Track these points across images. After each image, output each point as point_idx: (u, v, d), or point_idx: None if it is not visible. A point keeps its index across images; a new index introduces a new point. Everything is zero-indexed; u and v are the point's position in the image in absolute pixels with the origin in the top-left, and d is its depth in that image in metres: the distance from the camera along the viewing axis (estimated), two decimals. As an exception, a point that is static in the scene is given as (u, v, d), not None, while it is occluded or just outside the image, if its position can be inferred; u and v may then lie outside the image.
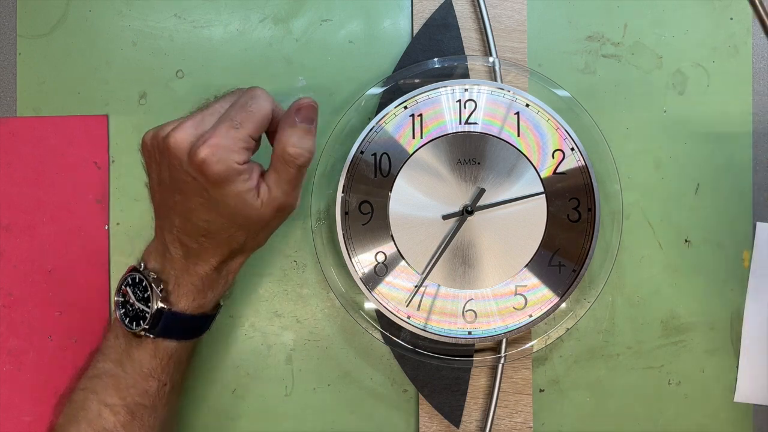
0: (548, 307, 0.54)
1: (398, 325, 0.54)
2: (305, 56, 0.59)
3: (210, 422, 0.58)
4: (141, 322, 0.47)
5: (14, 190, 0.58)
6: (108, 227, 0.58)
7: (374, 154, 0.54)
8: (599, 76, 0.59)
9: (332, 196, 0.56)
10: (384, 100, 0.56)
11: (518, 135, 0.54)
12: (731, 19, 0.59)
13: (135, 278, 0.48)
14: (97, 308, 0.58)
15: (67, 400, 0.50)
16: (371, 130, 0.54)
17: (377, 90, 0.56)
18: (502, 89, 0.55)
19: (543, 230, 0.54)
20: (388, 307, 0.54)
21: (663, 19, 0.59)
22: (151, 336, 0.47)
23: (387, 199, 0.54)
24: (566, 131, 0.54)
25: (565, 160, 0.54)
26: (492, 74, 0.57)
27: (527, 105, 0.54)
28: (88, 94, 0.59)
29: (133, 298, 0.47)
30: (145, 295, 0.47)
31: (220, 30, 0.59)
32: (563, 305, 0.54)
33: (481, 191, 0.54)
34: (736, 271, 0.57)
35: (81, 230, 0.58)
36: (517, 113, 0.55)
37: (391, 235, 0.54)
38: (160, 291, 0.47)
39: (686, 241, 0.59)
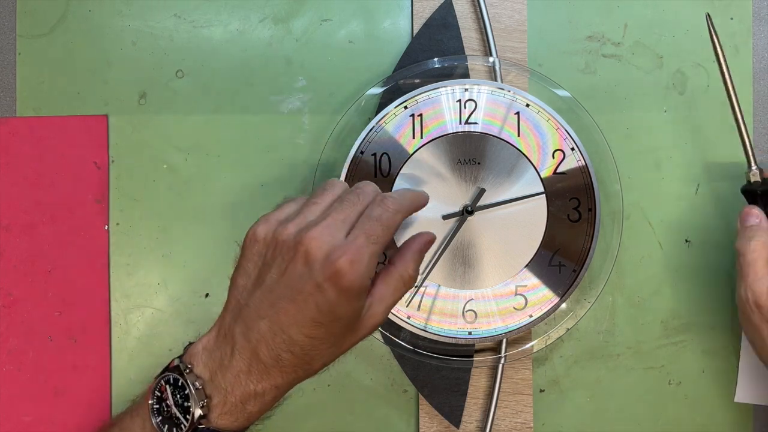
0: (548, 308, 0.54)
1: (398, 325, 0.54)
2: (305, 56, 0.59)
3: (210, 422, 0.58)
4: (174, 429, 0.43)
5: (14, 190, 0.58)
6: (108, 227, 0.58)
7: (374, 154, 0.54)
8: (599, 76, 0.59)
9: (332, 196, 0.55)
10: (384, 100, 0.56)
11: (518, 135, 0.54)
12: (731, 19, 0.59)
13: (178, 381, 0.43)
14: (97, 308, 0.58)
15: None
16: (371, 130, 0.54)
17: (377, 90, 0.56)
18: (502, 89, 0.55)
19: (543, 230, 0.54)
20: (388, 307, 0.54)
21: (663, 19, 0.59)
22: None
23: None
24: (566, 131, 0.54)
25: (565, 160, 0.54)
26: (492, 74, 0.57)
27: (527, 105, 0.54)
28: (88, 94, 0.59)
29: (170, 400, 0.43)
30: (185, 404, 0.42)
31: (220, 30, 0.59)
32: (563, 305, 0.54)
33: (481, 191, 0.54)
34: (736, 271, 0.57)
35: (81, 230, 0.58)
36: (518, 113, 0.55)
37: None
38: (203, 406, 0.42)
39: (686, 241, 0.59)
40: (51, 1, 0.59)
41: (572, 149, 0.54)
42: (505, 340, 0.56)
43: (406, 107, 0.55)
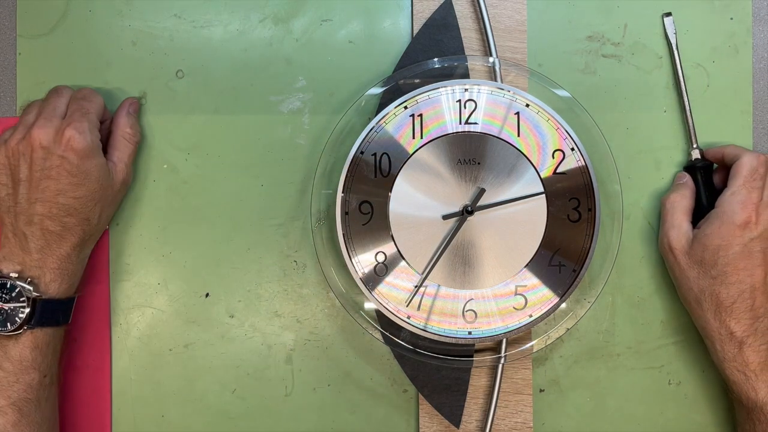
0: (548, 307, 0.54)
1: (398, 325, 0.54)
2: (305, 56, 0.59)
3: (210, 422, 0.58)
4: (17, 318, 0.50)
5: (14, 190, 0.58)
6: (108, 227, 0.58)
7: (374, 154, 0.54)
8: (599, 76, 0.59)
9: (332, 196, 0.56)
10: (384, 100, 0.56)
11: (518, 135, 0.54)
12: (731, 19, 0.59)
13: None
14: (97, 308, 0.58)
15: None
16: (371, 130, 0.54)
17: (377, 90, 0.56)
18: (502, 89, 0.55)
19: (543, 230, 0.54)
20: (388, 307, 0.54)
21: (662, 20, 0.59)
22: (29, 328, 0.50)
23: (387, 199, 0.54)
24: (566, 131, 0.54)
25: (565, 160, 0.54)
26: (492, 74, 0.57)
27: (527, 105, 0.54)
28: (88, 94, 0.59)
29: (1, 303, 0.50)
30: (14, 294, 0.50)
31: (220, 30, 0.59)
32: (563, 305, 0.54)
33: (481, 191, 0.54)
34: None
35: (81, 230, 0.58)
36: (517, 113, 0.55)
37: (391, 235, 0.54)
38: (28, 283, 0.50)
39: (686, 241, 0.59)
40: (51, 1, 0.59)
41: (572, 149, 0.54)
42: (505, 340, 0.56)
43: (406, 107, 0.55)
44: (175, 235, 0.58)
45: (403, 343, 0.55)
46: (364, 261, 0.54)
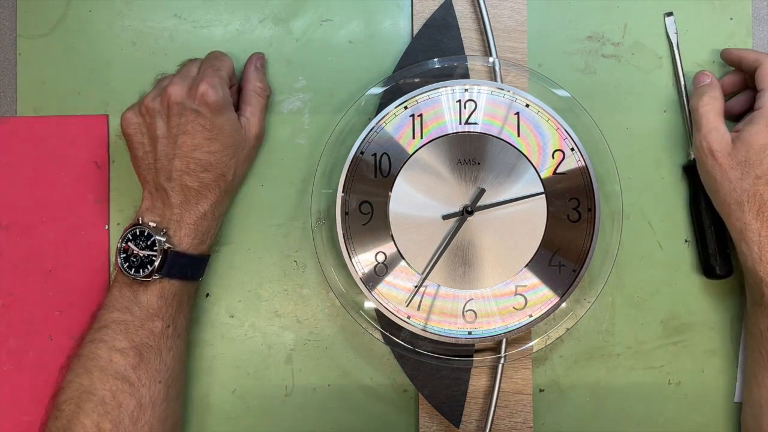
0: (548, 307, 0.54)
1: (398, 325, 0.54)
2: (305, 56, 0.59)
3: (210, 422, 0.58)
4: (148, 266, 0.51)
5: (14, 190, 0.58)
6: (108, 227, 0.58)
7: (374, 154, 0.54)
8: (599, 76, 0.59)
9: (332, 196, 0.56)
10: (384, 100, 0.56)
11: (518, 135, 0.54)
12: (731, 19, 0.59)
13: (135, 232, 0.52)
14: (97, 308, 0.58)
15: (74, 356, 0.52)
16: (371, 130, 0.54)
17: (377, 90, 0.56)
18: (502, 89, 0.55)
19: (543, 230, 0.54)
20: (388, 307, 0.54)
21: (663, 20, 0.59)
22: (159, 277, 0.51)
23: (387, 199, 0.54)
24: (566, 131, 0.54)
25: (565, 160, 0.54)
26: (492, 74, 0.57)
27: (527, 105, 0.54)
28: (88, 94, 0.59)
29: (136, 250, 0.51)
30: (149, 243, 0.51)
31: (220, 30, 0.59)
32: (563, 305, 0.54)
33: (481, 191, 0.54)
34: (735, 271, 0.57)
35: (81, 230, 0.58)
36: (517, 113, 0.55)
37: (391, 235, 0.54)
38: (163, 235, 0.52)
39: (686, 241, 0.59)
40: (51, 1, 0.59)
41: (572, 149, 0.54)
42: (505, 340, 0.56)
43: (406, 107, 0.55)
44: (175, 235, 0.58)
45: (403, 343, 0.55)
46: (364, 261, 0.54)
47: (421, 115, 0.55)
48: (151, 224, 0.52)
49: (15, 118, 0.59)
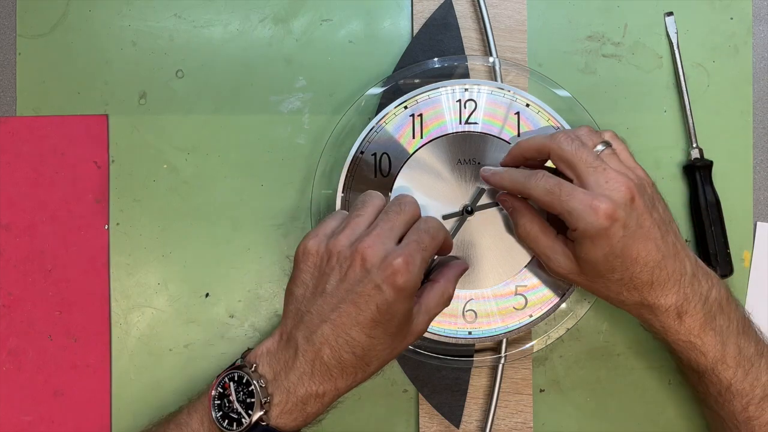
0: (548, 307, 0.54)
1: (398, 325, 0.54)
2: (305, 56, 0.59)
3: (210, 422, 0.58)
4: (234, 425, 0.45)
5: (14, 190, 0.58)
6: (108, 227, 0.58)
7: (374, 154, 0.54)
8: (599, 76, 0.59)
9: (332, 196, 0.56)
10: (384, 100, 0.56)
11: (518, 135, 0.54)
12: (731, 19, 0.59)
13: (243, 378, 0.46)
14: (97, 308, 0.58)
15: None
16: (371, 130, 0.54)
17: (377, 90, 0.56)
18: (502, 89, 0.55)
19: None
20: (388, 307, 0.54)
21: (663, 19, 0.59)
22: None
23: (387, 199, 0.54)
24: (566, 131, 0.54)
25: (565, 160, 0.54)
26: (492, 74, 0.57)
27: (527, 105, 0.54)
28: (88, 94, 0.59)
29: (233, 397, 0.46)
30: (248, 401, 0.45)
31: (220, 30, 0.59)
32: (563, 305, 0.54)
33: (481, 191, 0.54)
34: (736, 271, 0.57)
35: (81, 230, 0.58)
36: (518, 113, 0.55)
37: (391, 235, 0.54)
38: (265, 403, 0.45)
39: (686, 241, 0.59)
40: (51, 1, 0.59)
41: (572, 149, 0.54)
42: (505, 340, 0.56)
43: (406, 107, 0.55)
44: (175, 235, 0.58)
45: (403, 343, 0.55)
46: (364, 261, 0.54)
47: (421, 115, 0.55)
48: (261, 382, 0.45)
49: (15, 118, 0.59)
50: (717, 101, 0.59)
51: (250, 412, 0.45)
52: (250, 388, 0.45)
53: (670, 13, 0.59)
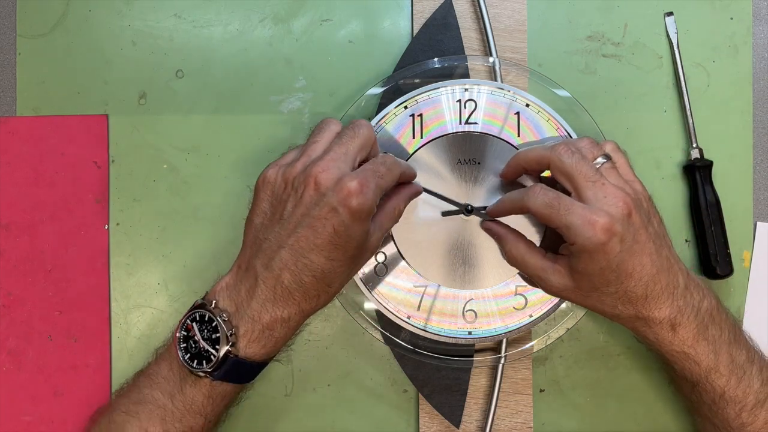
0: (548, 307, 0.54)
1: (398, 325, 0.54)
2: (305, 56, 0.59)
3: (210, 422, 0.58)
4: (204, 362, 0.46)
5: (14, 190, 0.58)
6: (108, 227, 0.58)
7: (374, 154, 0.54)
8: (599, 76, 0.59)
9: (332, 196, 0.55)
10: (384, 100, 0.56)
11: (518, 135, 0.54)
12: (731, 19, 0.59)
13: (204, 316, 0.46)
14: (97, 308, 0.58)
15: (105, 417, 0.50)
16: (371, 130, 0.54)
17: (377, 90, 0.56)
18: (502, 89, 0.55)
19: (543, 230, 0.54)
20: (388, 307, 0.54)
21: (663, 19, 0.59)
22: (211, 378, 0.47)
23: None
24: (566, 131, 0.54)
25: (565, 160, 0.54)
26: (492, 74, 0.57)
27: (527, 105, 0.54)
28: (88, 94, 0.59)
29: (198, 336, 0.46)
30: (214, 336, 0.46)
31: (220, 30, 0.59)
32: (563, 305, 0.54)
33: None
34: (736, 271, 0.57)
35: (81, 230, 0.58)
36: (518, 113, 0.55)
37: (391, 235, 0.54)
38: (230, 335, 0.46)
39: (686, 241, 0.59)
40: (51, 1, 0.59)
41: (572, 149, 0.54)
42: (505, 340, 0.56)
43: (406, 107, 0.55)
44: (175, 235, 0.58)
45: (403, 343, 0.55)
46: (364, 261, 0.54)
47: (421, 115, 0.55)
48: (224, 316, 0.46)
49: (15, 118, 0.59)
50: (717, 101, 0.59)
51: (217, 347, 0.45)
52: (213, 324, 0.46)
53: (670, 13, 0.59)
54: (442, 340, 0.54)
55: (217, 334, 0.45)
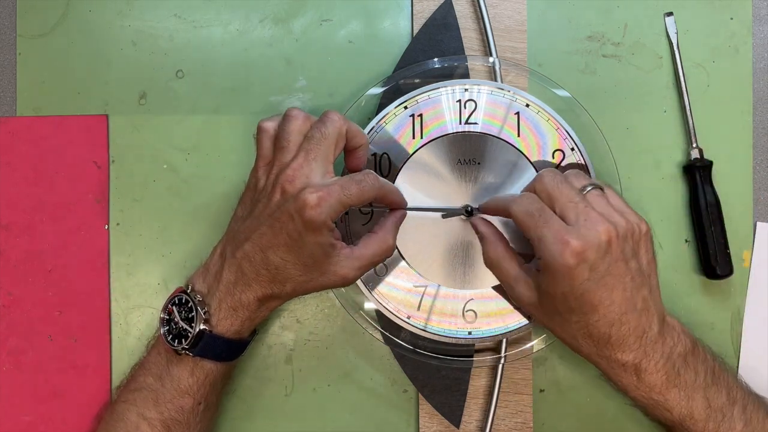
0: (548, 307, 0.54)
1: (398, 325, 0.54)
2: (305, 56, 0.59)
3: (210, 422, 0.58)
4: (183, 340, 0.49)
5: (14, 190, 0.58)
6: (108, 227, 0.58)
7: (374, 154, 0.54)
8: (599, 76, 0.59)
9: (332, 196, 0.55)
10: (384, 100, 0.56)
11: (518, 135, 0.54)
12: (731, 19, 0.59)
13: (182, 299, 0.50)
14: (97, 308, 0.58)
15: (108, 410, 0.52)
16: (371, 130, 0.54)
17: (377, 90, 0.56)
18: (502, 89, 0.55)
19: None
20: (388, 307, 0.54)
21: (663, 19, 0.59)
22: (191, 355, 0.49)
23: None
24: (566, 131, 0.54)
25: (565, 160, 0.54)
26: (492, 74, 0.57)
27: (527, 105, 0.55)
28: (88, 94, 0.59)
29: (177, 317, 0.50)
30: (190, 316, 0.49)
31: (220, 30, 0.59)
32: (563, 305, 0.54)
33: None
34: (736, 271, 0.57)
35: (81, 230, 0.58)
36: (517, 113, 0.55)
37: (391, 235, 0.54)
38: (204, 313, 0.49)
39: (686, 241, 0.59)
40: (51, 1, 0.59)
41: (572, 149, 0.54)
42: (505, 340, 0.56)
43: (406, 107, 0.55)
44: (175, 235, 0.58)
45: (403, 343, 0.55)
46: (364, 261, 0.54)
47: (421, 115, 0.55)
48: (198, 297, 0.50)
49: (15, 118, 0.59)
50: (717, 101, 0.59)
51: (192, 325, 0.49)
52: (189, 305, 0.50)
53: (670, 14, 0.59)
54: (442, 340, 0.54)
55: (193, 314, 0.49)
